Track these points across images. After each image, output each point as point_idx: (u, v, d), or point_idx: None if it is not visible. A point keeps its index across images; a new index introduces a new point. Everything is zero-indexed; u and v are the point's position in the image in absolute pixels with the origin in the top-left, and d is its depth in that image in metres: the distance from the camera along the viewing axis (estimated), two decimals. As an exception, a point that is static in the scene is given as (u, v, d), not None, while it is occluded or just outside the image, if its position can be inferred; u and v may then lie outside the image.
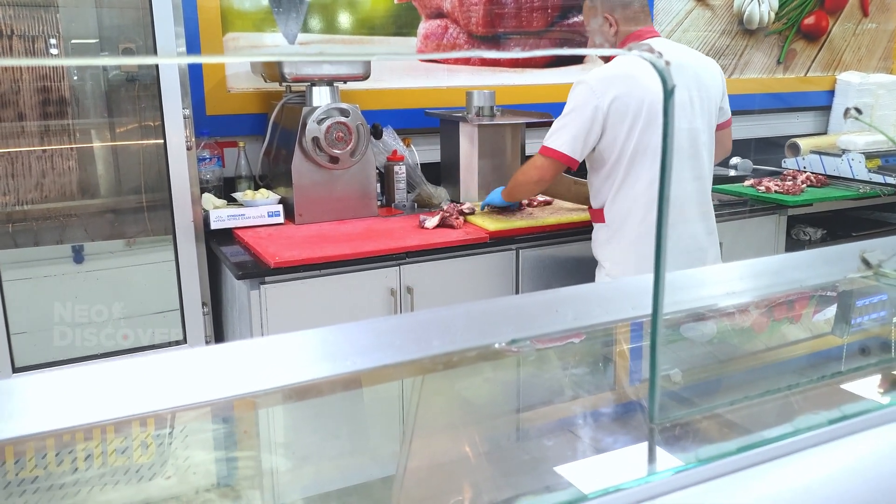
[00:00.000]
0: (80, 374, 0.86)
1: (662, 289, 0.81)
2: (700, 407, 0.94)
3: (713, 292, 1.23)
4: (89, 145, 2.45)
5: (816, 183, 3.21)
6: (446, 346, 1.00)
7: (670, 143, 0.72)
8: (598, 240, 2.39)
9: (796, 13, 4.11)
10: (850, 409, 0.86)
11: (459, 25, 3.15)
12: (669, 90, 0.70)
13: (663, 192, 0.80)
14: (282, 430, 0.98)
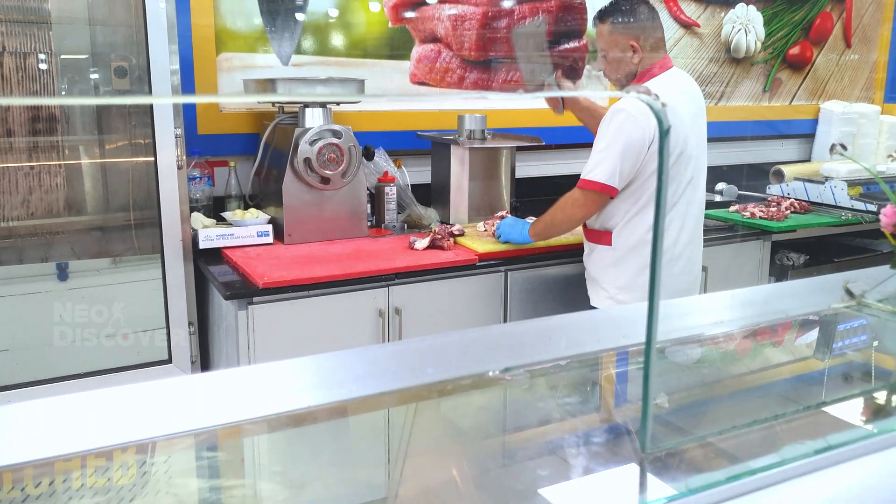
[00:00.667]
0: (66, 403, 0.86)
1: (656, 322, 0.82)
2: (690, 436, 0.95)
3: (702, 321, 1.24)
4: (78, 162, 2.44)
5: (800, 209, 3.25)
6: (441, 374, 1.00)
7: (665, 179, 0.73)
8: (600, 262, 2.38)
9: (782, 43, 4.18)
10: (835, 439, 0.88)
11: (452, 50, 3.18)
12: (665, 130, 0.71)
13: (658, 226, 0.81)
14: (279, 457, 0.98)
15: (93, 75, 2.44)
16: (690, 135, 2.31)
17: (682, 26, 3.81)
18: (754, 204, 3.24)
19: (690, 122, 2.32)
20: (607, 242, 2.34)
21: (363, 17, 3.00)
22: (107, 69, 2.40)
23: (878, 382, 1.22)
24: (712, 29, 3.92)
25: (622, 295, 2.33)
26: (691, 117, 2.34)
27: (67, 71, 2.40)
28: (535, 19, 3.24)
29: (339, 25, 2.97)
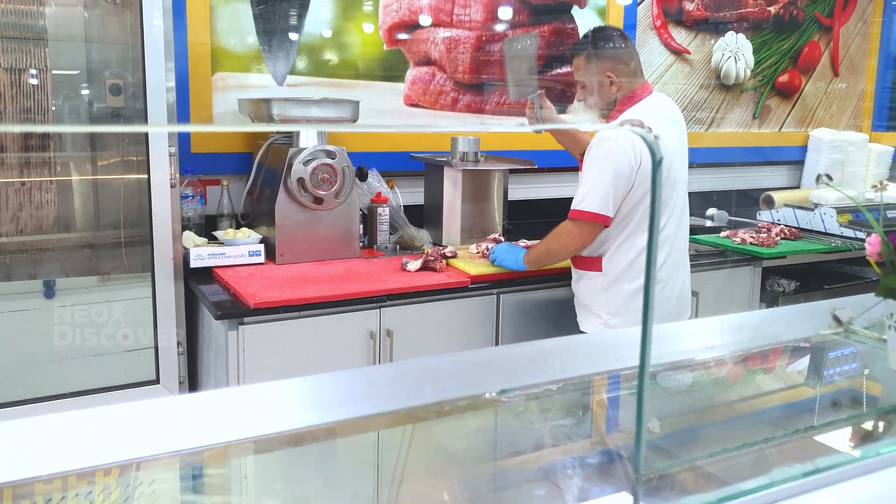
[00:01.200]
0: (49, 423, 0.85)
1: (649, 344, 0.83)
2: (682, 458, 0.95)
3: (694, 346, 1.25)
4: (69, 178, 2.43)
5: (790, 236, 3.27)
6: (438, 395, 1.00)
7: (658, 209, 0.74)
8: (590, 288, 2.39)
9: (771, 71, 4.23)
10: (823, 463, 0.89)
11: (446, 73, 3.20)
12: (658, 161, 0.72)
13: (651, 252, 0.82)
14: (276, 478, 0.97)
15: (87, 92, 2.44)
16: (674, 159, 2.33)
17: (672, 53, 3.86)
18: (745, 230, 3.26)
19: (675, 147, 2.34)
20: (597, 269, 2.35)
21: (358, 39, 3.02)
22: (101, 86, 2.40)
23: (864, 408, 1.23)
24: (702, 56, 3.97)
25: (614, 320, 2.33)
26: (676, 142, 2.36)
27: (62, 88, 2.40)
28: (527, 36, 3.27)
29: (334, 46, 2.98)
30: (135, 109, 2.36)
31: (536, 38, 3.24)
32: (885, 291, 1.17)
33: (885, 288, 1.16)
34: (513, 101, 3.25)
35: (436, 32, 3.16)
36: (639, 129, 0.73)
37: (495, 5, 3.26)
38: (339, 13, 2.97)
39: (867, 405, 1.23)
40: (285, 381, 0.93)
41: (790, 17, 4.23)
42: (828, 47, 4.44)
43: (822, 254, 3.21)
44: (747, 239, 3.12)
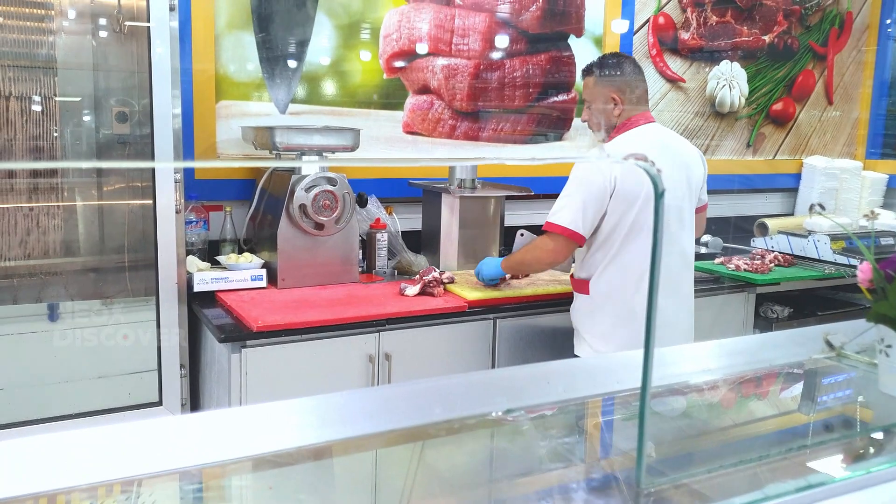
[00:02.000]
0: (52, 441, 0.89)
1: (651, 362, 0.87)
2: (682, 473, 0.99)
3: (689, 369, 1.29)
4: (76, 204, 2.48)
5: (784, 262, 3.31)
6: (447, 414, 1.05)
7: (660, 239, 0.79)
8: (579, 309, 2.44)
9: (765, 99, 4.30)
10: (814, 479, 0.93)
11: (444, 101, 3.27)
12: (660, 193, 0.77)
13: (654, 279, 0.86)
14: (292, 493, 1.00)
15: (93, 119, 2.50)
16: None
17: (668, 81, 3.93)
18: (739, 257, 3.30)
19: (665, 173, 2.38)
20: (585, 291, 2.40)
21: (358, 68, 3.09)
22: (108, 113, 2.46)
23: (855, 430, 1.27)
24: (697, 84, 4.04)
25: (598, 343, 2.36)
26: (664, 168, 2.39)
27: (70, 115, 2.45)
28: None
29: (334, 75, 3.05)
30: (140, 136, 2.41)
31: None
32: (875, 317, 1.21)
33: (875, 314, 1.21)
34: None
35: (434, 61, 3.23)
36: (642, 164, 0.78)
37: (493, 35, 3.34)
38: (340, 42, 3.04)
39: (858, 427, 1.27)
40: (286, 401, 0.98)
41: (784, 45, 4.31)
42: (822, 76, 4.52)
43: (815, 280, 3.25)
44: (741, 266, 3.17)
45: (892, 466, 0.97)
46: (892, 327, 1.19)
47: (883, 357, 1.23)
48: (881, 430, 1.21)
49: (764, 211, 4.26)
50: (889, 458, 1.03)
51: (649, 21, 3.82)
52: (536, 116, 3.51)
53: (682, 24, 3.93)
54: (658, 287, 0.86)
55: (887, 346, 1.21)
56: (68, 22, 2.40)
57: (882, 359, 1.23)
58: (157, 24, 2.23)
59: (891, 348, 1.20)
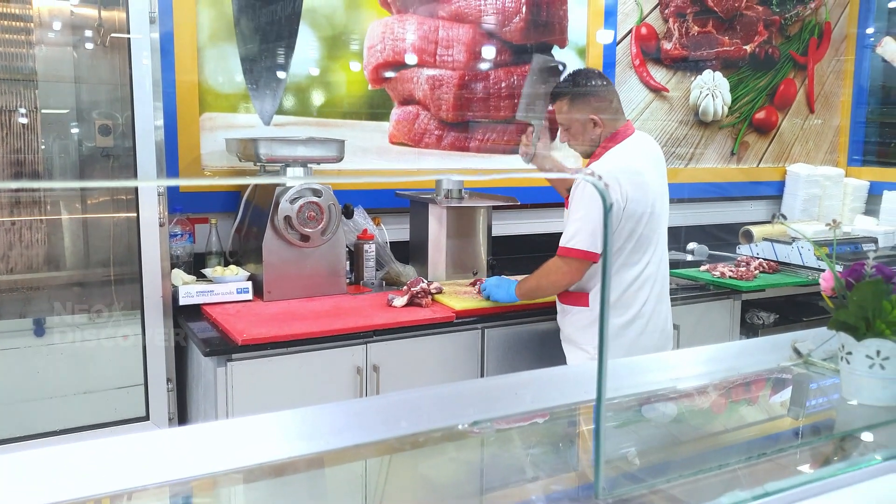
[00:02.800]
0: (39, 456, 0.89)
1: (605, 373, 0.88)
2: (643, 483, 0.99)
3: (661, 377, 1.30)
4: (60, 217, 2.46)
5: (769, 269, 3.34)
6: (414, 428, 1.05)
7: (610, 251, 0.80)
8: (577, 323, 2.44)
9: (748, 108, 4.34)
10: (773, 486, 0.94)
11: (430, 112, 3.28)
12: (608, 207, 0.78)
13: (605, 289, 0.87)
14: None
15: (76, 131, 2.49)
16: (657, 196, 2.39)
17: (651, 91, 3.96)
18: (724, 264, 3.33)
19: (655, 182, 2.40)
20: (584, 304, 2.40)
21: (343, 79, 3.10)
22: (90, 126, 2.45)
23: (815, 436, 1.29)
24: (681, 93, 4.07)
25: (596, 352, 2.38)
26: (658, 181, 2.43)
27: (52, 128, 2.44)
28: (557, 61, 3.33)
29: (320, 86, 3.05)
30: (124, 148, 2.40)
31: (564, 68, 3.28)
32: (836, 325, 1.23)
33: (836, 322, 1.22)
34: (520, 118, 3.25)
35: (419, 72, 3.24)
36: (590, 178, 0.79)
37: (477, 46, 3.35)
38: (325, 54, 3.05)
39: (823, 433, 1.29)
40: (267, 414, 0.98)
41: (766, 55, 4.36)
42: (803, 85, 4.57)
43: (800, 287, 3.28)
44: (727, 273, 3.19)
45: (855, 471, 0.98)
46: (851, 335, 1.21)
47: (844, 364, 1.25)
48: (842, 435, 1.22)
49: (749, 218, 4.29)
50: (850, 463, 1.04)
51: (632, 31, 3.85)
52: (522, 127, 3.52)
53: (665, 35, 3.96)
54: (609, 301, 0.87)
55: (848, 354, 1.23)
56: (49, 34, 2.39)
57: (843, 366, 1.25)
58: (138, 35, 2.23)
59: (851, 355, 1.22)
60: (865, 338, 1.18)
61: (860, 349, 1.20)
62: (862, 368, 1.20)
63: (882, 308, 1.16)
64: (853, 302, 1.19)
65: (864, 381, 1.20)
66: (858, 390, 1.22)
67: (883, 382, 1.18)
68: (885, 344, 1.17)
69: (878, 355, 1.18)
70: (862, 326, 1.18)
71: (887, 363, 1.17)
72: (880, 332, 1.17)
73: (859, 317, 1.18)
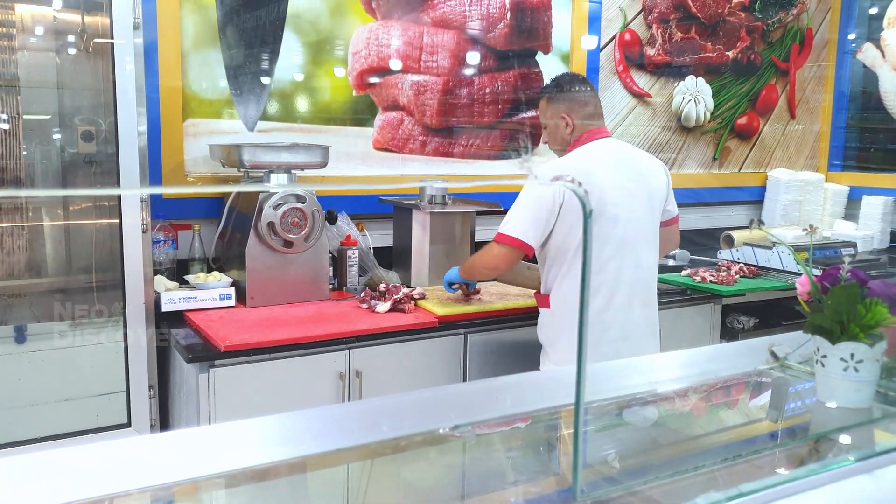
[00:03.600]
0: (19, 462, 0.89)
1: (585, 375, 0.89)
2: (620, 485, 1.00)
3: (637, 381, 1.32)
4: (41, 224, 2.45)
5: (749, 274, 3.37)
6: (395, 432, 1.05)
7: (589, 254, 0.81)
8: (542, 324, 2.47)
9: (730, 113, 4.38)
10: (748, 487, 0.95)
11: (414, 118, 3.29)
12: (588, 213, 0.79)
13: (584, 292, 0.88)
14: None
15: (59, 137, 2.48)
16: (614, 198, 2.34)
17: (634, 96, 3.99)
18: (705, 268, 3.35)
19: (613, 184, 2.35)
20: (546, 305, 2.43)
21: (328, 84, 3.10)
22: (73, 132, 2.44)
23: (790, 438, 1.30)
24: (664, 99, 4.11)
25: (558, 356, 2.39)
26: (617, 182, 2.37)
27: (34, 134, 2.43)
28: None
29: (304, 92, 3.06)
30: (106, 154, 2.39)
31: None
32: (812, 328, 1.25)
33: (812, 325, 1.24)
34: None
35: (404, 78, 3.25)
36: (570, 185, 0.80)
37: (461, 52, 3.37)
38: (309, 59, 3.05)
39: (797, 435, 1.31)
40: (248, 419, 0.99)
41: (748, 61, 4.40)
42: (784, 90, 4.62)
43: (780, 291, 3.31)
44: (707, 277, 3.21)
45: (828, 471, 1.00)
46: (826, 338, 1.23)
47: (819, 367, 1.26)
48: (818, 437, 1.24)
49: (730, 223, 4.32)
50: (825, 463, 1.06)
51: (616, 37, 3.88)
52: (507, 132, 3.54)
53: (648, 41, 4.00)
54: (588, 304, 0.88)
55: (823, 357, 1.25)
56: (32, 39, 2.38)
57: (819, 369, 1.27)
58: (122, 41, 2.22)
59: (826, 358, 1.24)
60: (840, 341, 1.20)
61: (835, 352, 1.21)
62: (836, 371, 1.21)
63: (856, 312, 1.18)
64: (828, 306, 1.20)
65: (838, 383, 1.22)
66: (833, 393, 1.24)
67: (857, 385, 1.20)
68: (858, 347, 1.19)
69: (852, 358, 1.20)
70: (837, 330, 1.20)
71: (861, 366, 1.19)
72: (854, 336, 1.19)
73: (834, 320, 1.20)
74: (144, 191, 2.32)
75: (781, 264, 3.44)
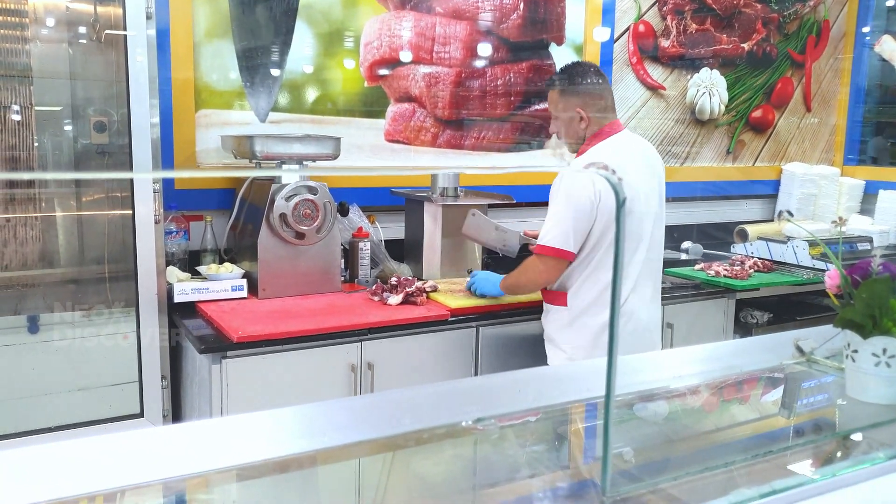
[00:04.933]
0: (32, 454, 0.88)
1: (615, 370, 0.87)
2: (647, 482, 0.99)
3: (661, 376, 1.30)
4: (54, 214, 2.45)
5: (763, 268, 3.34)
6: (417, 424, 1.04)
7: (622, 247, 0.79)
8: (556, 321, 2.43)
9: (745, 106, 4.34)
10: (780, 485, 0.94)
11: (426, 109, 3.26)
12: (621, 202, 0.77)
13: (616, 286, 0.86)
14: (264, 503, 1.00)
15: (71, 128, 2.47)
16: (639, 194, 2.35)
17: (648, 89, 3.95)
18: (719, 262, 3.32)
19: (637, 181, 2.36)
20: (563, 303, 2.39)
21: (339, 76, 3.08)
22: (86, 123, 2.43)
23: (823, 434, 1.28)
24: (678, 91, 4.07)
25: (578, 354, 2.36)
26: (642, 179, 2.39)
27: (47, 125, 2.42)
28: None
29: (315, 83, 3.04)
30: (119, 146, 2.39)
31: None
32: (842, 323, 1.22)
33: (842, 319, 1.22)
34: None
35: (416, 69, 3.22)
36: (602, 172, 0.78)
37: (474, 43, 3.34)
38: (321, 51, 3.03)
39: (826, 431, 1.28)
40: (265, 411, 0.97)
41: (763, 53, 4.35)
42: (800, 83, 4.57)
43: (794, 286, 3.28)
44: (721, 272, 3.18)
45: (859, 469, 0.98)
46: (858, 333, 1.20)
47: (850, 362, 1.24)
48: (848, 433, 1.22)
49: (744, 217, 4.29)
50: (855, 461, 1.04)
51: (629, 29, 3.84)
52: (519, 124, 3.52)
53: (663, 32, 3.96)
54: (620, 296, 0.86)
55: (854, 352, 1.22)
56: (44, 30, 2.37)
57: (849, 364, 1.25)
58: (134, 32, 2.21)
59: (857, 353, 1.22)
60: (872, 335, 1.18)
61: (866, 347, 1.19)
62: (868, 366, 1.19)
63: (889, 306, 1.15)
64: (860, 300, 1.18)
65: (869, 379, 1.19)
66: (864, 388, 1.21)
67: (889, 380, 1.18)
68: (891, 342, 1.16)
69: (884, 353, 1.17)
70: (868, 324, 1.18)
71: (893, 361, 1.17)
72: (887, 330, 1.16)
73: (866, 315, 1.17)
74: (155, 174, 2.31)
75: (796, 259, 3.41)
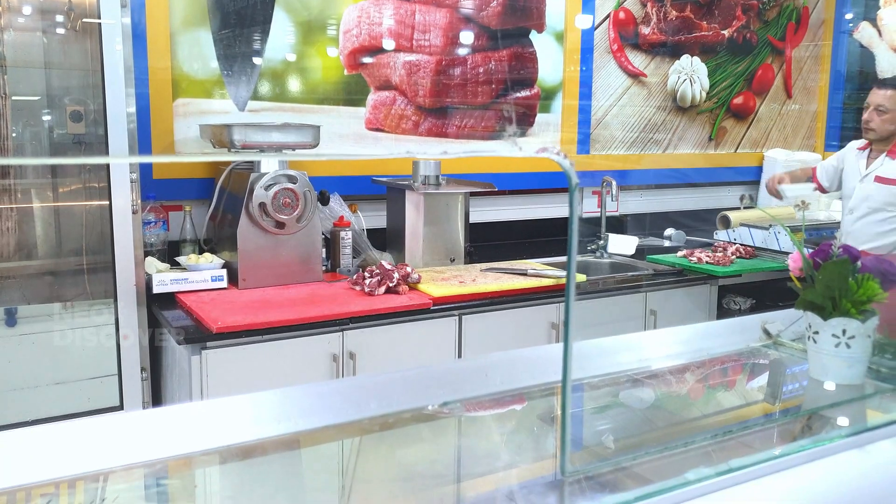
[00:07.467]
0: (12, 437, 0.88)
1: (571, 353, 0.88)
2: (608, 461, 1.00)
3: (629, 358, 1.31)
4: (30, 205, 2.43)
5: (745, 254, 3.36)
6: (384, 409, 1.05)
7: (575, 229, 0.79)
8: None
9: (726, 93, 4.35)
10: (738, 463, 0.95)
11: (407, 97, 3.26)
12: (574, 186, 0.77)
13: (570, 270, 0.86)
14: (229, 489, 1.00)
15: (48, 118, 2.45)
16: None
17: (629, 76, 3.96)
18: (701, 249, 3.34)
19: None
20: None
21: (319, 64, 3.07)
22: (62, 112, 2.41)
23: (784, 413, 1.30)
24: (659, 79, 4.07)
25: None
26: None
27: (22, 115, 2.40)
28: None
29: (295, 71, 3.02)
30: (96, 136, 2.37)
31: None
32: (803, 304, 1.24)
33: (803, 301, 1.23)
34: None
35: (396, 57, 3.21)
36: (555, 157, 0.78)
37: (454, 30, 3.33)
38: (300, 39, 3.02)
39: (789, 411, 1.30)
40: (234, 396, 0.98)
41: (744, 40, 4.36)
42: (780, 70, 4.58)
43: (776, 272, 3.29)
44: (703, 258, 3.20)
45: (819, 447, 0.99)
46: (818, 314, 1.22)
47: (811, 343, 1.26)
48: (808, 413, 1.23)
49: (726, 204, 4.31)
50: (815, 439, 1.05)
51: (610, 16, 3.84)
52: (500, 112, 3.52)
53: (643, 19, 3.96)
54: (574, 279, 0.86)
55: (815, 333, 1.24)
56: (19, 18, 2.35)
57: (811, 345, 1.26)
58: (109, 20, 2.19)
59: (818, 335, 1.23)
60: (832, 317, 1.19)
61: (826, 328, 1.20)
62: (828, 348, 1.21)
63: (848, 287, 1.17)
64: (820, 282, 1.19)
65: (830, 360, 1.21)
66: (825, 369, 1.23)
67: (848, 361, 1.19)
68: (850, 323, 1.18)
69: (843, 334, 1.19)
70: (829, 306, 1.19)
71: (853, 342, 1.18)
72: (846, 312, 1.18)
73: (826, 296, 1.18)
74: (131, 159, 2.30)
75: (778, 245, 3.44)
